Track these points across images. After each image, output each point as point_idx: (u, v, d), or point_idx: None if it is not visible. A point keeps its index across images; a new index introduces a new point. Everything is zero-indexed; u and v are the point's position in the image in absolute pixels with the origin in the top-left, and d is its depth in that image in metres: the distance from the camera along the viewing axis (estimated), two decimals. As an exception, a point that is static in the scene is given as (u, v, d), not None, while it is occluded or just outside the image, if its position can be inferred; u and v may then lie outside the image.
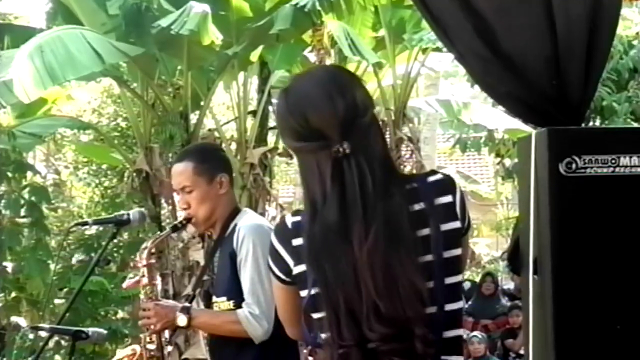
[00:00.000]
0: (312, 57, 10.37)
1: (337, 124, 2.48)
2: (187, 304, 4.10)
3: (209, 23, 8.59)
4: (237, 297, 4.00)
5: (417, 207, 2.50)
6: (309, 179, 2.50)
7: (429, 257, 2.48)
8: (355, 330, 2.39)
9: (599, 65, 4.45)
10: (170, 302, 4.38)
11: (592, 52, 4.33)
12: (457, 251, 2.55)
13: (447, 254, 2.52)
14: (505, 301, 12.64)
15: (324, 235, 2.42)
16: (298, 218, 2.53)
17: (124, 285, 4.43)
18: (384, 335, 2.37)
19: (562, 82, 4.32)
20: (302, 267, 2.48)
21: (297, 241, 2.50)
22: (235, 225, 4.10)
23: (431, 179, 2.58)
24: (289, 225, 2.54)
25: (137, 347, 4.14)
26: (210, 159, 4.24)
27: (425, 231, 2.49)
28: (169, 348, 8.44)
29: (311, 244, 2.45)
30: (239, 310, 3.96)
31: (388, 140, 10.44)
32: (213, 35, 8.74)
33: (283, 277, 2.56)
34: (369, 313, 2.37)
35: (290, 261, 2.51)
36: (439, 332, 2.48)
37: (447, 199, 2.56)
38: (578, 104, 4.36)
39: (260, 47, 9.69)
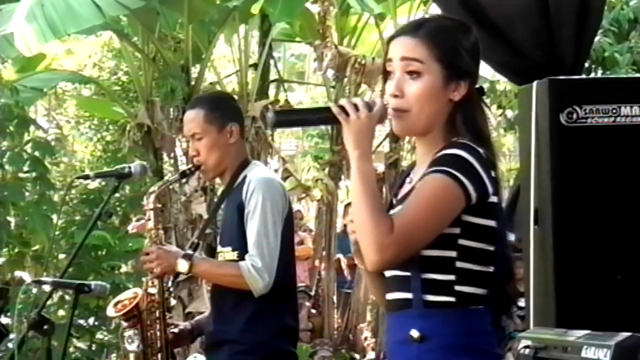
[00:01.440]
0: (314, 9, 10.30)
1: None
2: (189, 251, 4.11)
3: (209, -26, 8.55)
4: (242, 248, 3.99)
5: None
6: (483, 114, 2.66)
7: None
8: None
9: (592, 29, 4.45)
10: (174, 247, 4.40)
11: (583, 18, 4.32)
12: None
13: None
14: (506, 252, 12.66)
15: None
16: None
17: (130, 227, 4.42)
18: None
19: (554, 49, 4.32)
20: (496, 199, 2.57)
21: (494, 173, 2.57)
22: (245, 176, 4.09)
23: None
24: (484, 155, 2.56)
25: (139, 291, 4.16)
26: (221, 107, 4.25)
27: None
28: (173, 302, 8.49)
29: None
30: (241, 262, 3.96)
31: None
32: (213, -13, 8.69)
33: (475, 197, 2.52)
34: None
35: (490, 188, 2.54)
36: None
37: None
38: (571, 66, 4.36)
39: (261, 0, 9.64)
